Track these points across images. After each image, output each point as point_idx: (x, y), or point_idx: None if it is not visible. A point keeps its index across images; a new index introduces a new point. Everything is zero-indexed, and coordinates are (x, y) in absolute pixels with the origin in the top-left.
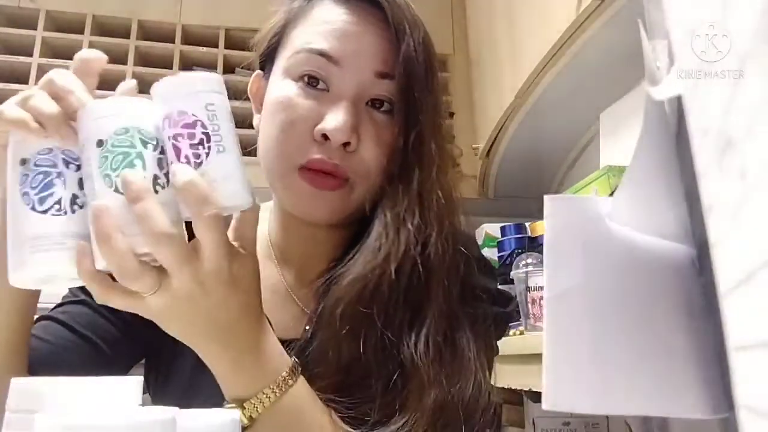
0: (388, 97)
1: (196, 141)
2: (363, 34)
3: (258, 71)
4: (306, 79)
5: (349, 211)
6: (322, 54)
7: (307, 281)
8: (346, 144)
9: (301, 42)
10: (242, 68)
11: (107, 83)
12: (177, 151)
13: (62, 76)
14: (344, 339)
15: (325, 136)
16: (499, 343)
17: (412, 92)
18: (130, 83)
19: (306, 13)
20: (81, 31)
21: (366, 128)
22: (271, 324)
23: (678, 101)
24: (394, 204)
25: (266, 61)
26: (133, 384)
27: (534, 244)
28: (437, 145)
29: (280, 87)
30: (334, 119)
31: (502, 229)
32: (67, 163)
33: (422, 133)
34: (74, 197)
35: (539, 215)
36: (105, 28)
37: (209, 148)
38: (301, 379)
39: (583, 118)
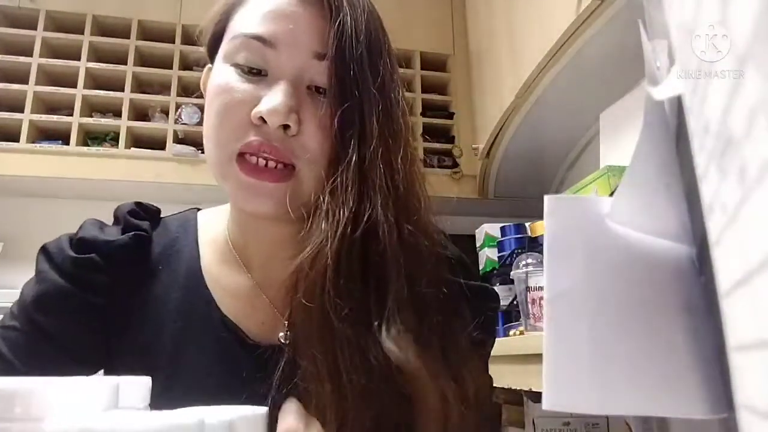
0: (327, 80)
1: None
2: (300, 15)
3: (208, 65)
4: (244, 69)
5: (297, 202)
6: (256, 38)
7: (275, 283)
8: (286, 127)
9: (238, 27)
10: None
11: (108, 83)
12: None
13: None
14: (317, 336)
15: (262, 119)
16: (499, 343)
17: (348, 70)
18: None
19: None
20: (81, 31)
21: (308, 111)
22: (243, 331)
23: (678, 101)
24: (333, 185)
25: (213, 50)
26: (108, 385)
27: (534, 244)
28: (385, 125)
29: (219, 72)
30: (271, 101)
31: (502, 229)
32: None
33: (361, 110)
34: None
35: (539, 215)
36: (105, 28)
37: None
38: None
39: (583, 118)
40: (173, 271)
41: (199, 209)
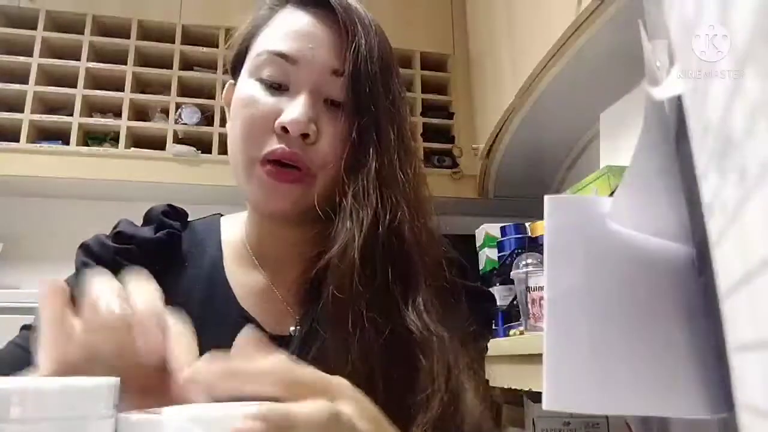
0: (343, 95)
1: None
2: (319, 35)
3: (230, 81)
4: (266, 83)
5: (311, 204)
6: (279, 55)
7: (287, 281)
8: (305, 136)
9: (263, 45)
10: None
11: (108, 83)
12: None
13: None
14: (342, 329)
15: (284, 129)
16: (499, 342)
17: (364, 85)
18: None
19: (270, 20)
20: (81, 31)
21: (325, 123)
22: (258, 323)
23: (678, 101)
24: (354, 191)
25: (236, 68)
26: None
27: (534, 244)
28: (398, 139)
29: (245, 87)
30: (292, 112)
31: (502, 229)
32: None
33: (377, 123)
34: None
35: (539, 215)
36: (105, 28)
37: None
38: None
39: (583, 118)
40: (198, 267)
41: (221, 215)
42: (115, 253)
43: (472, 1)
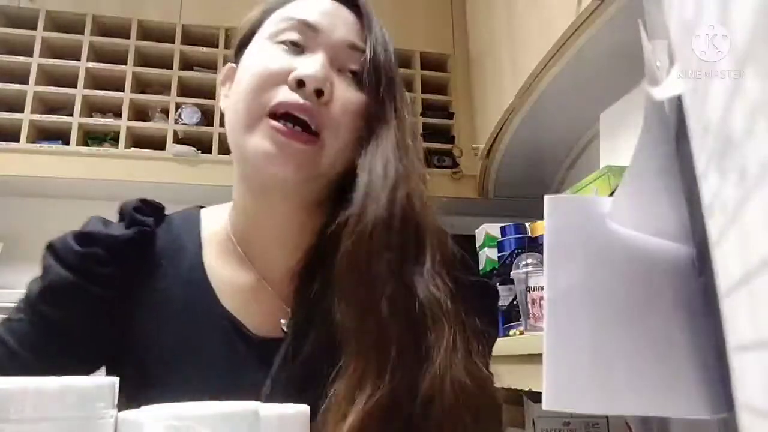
0: (358, 68)
1: None
2: (340, 14)
3: (230, 64)
4: (286, 43)
5: (316, 171)
6: (301, 21)
7: (279, 272)
8: (320, 94)
9: (281, 17)
10: None
11: (108, 83)
12: None
13: None
14: (364, 284)
15: (300, 83)
16: (499, 342)
17: (380, 65)
18: None
19: (283, 4)
20: (81, 31)
21: (338, 88)
22: (244, 324)
23: (678, 101)
24: (374, 156)
25: (241, 49)
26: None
27: (534, 244)
28: (408, 116)
29: (259, 48)
30: (310, 66)
31: (502, 229)
32: None
33: (392, 97)
34: None
35: (539, 215)
36: (105, 28)
37: None
38: None
39: (583, 118)
40: (176, 265)
41: (202, 207)
42: (80, 257)
43: (472, 1)
